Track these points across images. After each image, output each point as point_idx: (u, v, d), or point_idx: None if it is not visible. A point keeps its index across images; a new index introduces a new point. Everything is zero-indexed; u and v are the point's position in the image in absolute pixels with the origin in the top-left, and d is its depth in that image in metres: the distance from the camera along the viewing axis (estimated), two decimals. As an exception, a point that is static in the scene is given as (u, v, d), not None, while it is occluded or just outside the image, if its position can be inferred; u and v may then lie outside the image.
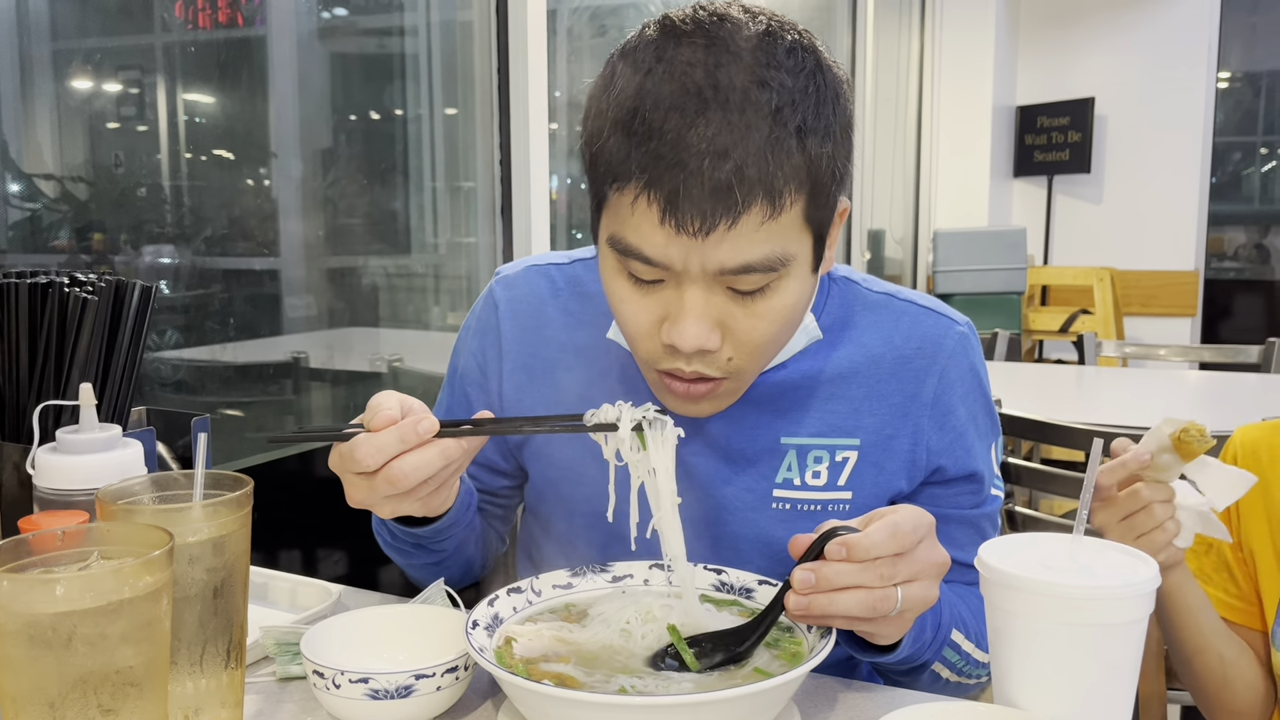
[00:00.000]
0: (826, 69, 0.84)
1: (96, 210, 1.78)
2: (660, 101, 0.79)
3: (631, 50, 0.84)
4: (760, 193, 0.79)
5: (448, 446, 0.82)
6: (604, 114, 0.83)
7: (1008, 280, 5.15)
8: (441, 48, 2.41)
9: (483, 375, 1.08)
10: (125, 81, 1.81)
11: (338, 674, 0.79)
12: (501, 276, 1.11)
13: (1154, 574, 0.71)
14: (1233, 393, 2.90)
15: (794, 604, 0.78)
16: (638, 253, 0.82)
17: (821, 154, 0.81)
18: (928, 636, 0.90)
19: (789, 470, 0.99)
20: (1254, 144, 6.07)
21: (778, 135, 0.78)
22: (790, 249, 0.83)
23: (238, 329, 2.06)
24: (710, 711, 0.70)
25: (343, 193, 2.30)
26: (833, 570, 0.77)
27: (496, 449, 1.10)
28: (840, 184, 0.85)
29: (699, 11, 0.84)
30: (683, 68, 0.80)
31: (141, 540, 0.68)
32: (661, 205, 0.79)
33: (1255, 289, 6.11)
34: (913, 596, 0.78)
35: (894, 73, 5.37)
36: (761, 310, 0.85)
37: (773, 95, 0.79)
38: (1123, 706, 0.72)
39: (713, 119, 0.78)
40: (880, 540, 0.77)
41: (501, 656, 0.79)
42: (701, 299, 0.83)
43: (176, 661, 0.76)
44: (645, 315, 0.86)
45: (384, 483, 0.81)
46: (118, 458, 0.88)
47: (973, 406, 1.02)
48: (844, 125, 0.84)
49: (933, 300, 1.05)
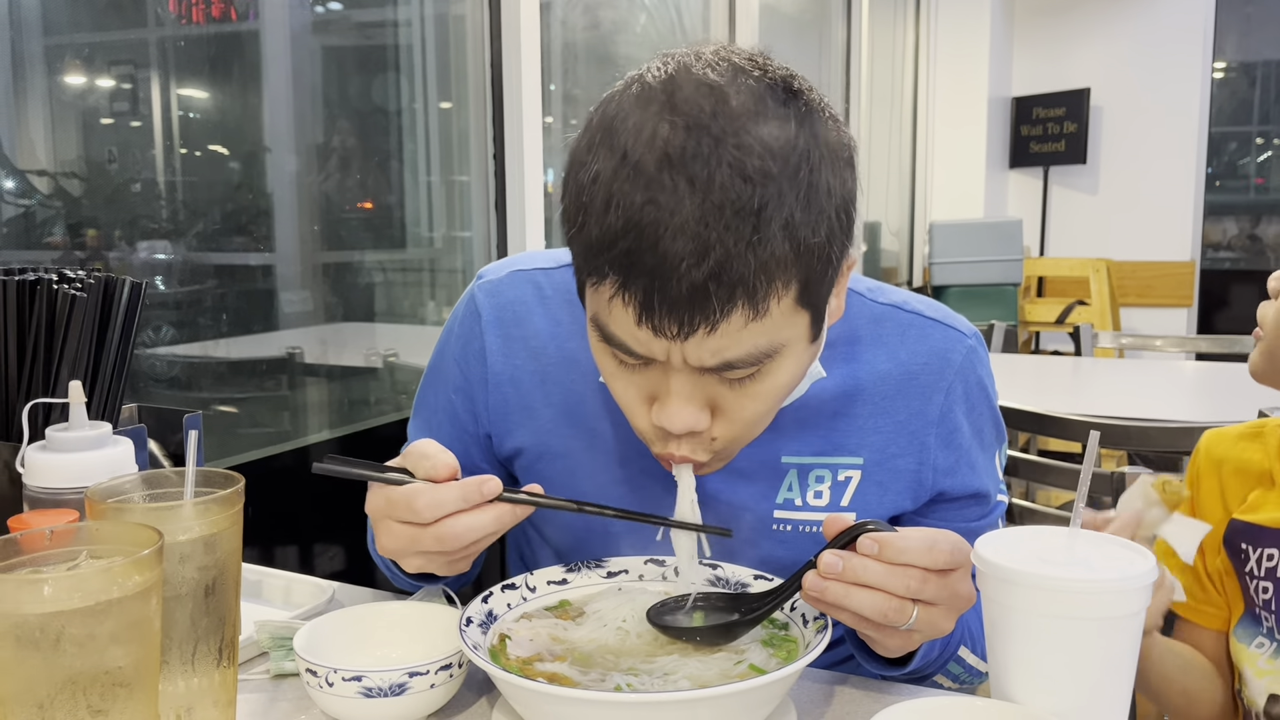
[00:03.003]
0: (822, 140, 0.76)
1: (90, 206, 1.76)
2: (635, 192, 0.72)
3: (610, 119, 0.76)
4: (741, 296, 0.72)
5: (503, 513, 0.80)
6: (579, 196, 0.76)
7: (1004, 272, 5.15)
8: (435, 41, 2.40)
9: (466, 383, 1.04)
10: (118, 77, 1.80)
11: (330, 672, 0.78)
12: (484, 281, 1.04)
13: (1152, 566, 0.71)
14: (1230, 383, 2.90)
15: (811, 584, 0.75)
16: (620, 344, 0.78)
17: (814, 245, 0.74)
18: (935, 654, 0.89)
19: (790, 490, 0.97)
20: (1249, 134, 6.07)
21: (761, 235, 0.71)
22: (781, 337, 0.77)
23: (232, 324, 2.06)
24: (706, 708, 0.69)
25: (337, 187, 2.29)
26: (860, 564, 0.74)
27: (482, 455, 1.06)
28: (840, 261, 0.79)
29: (683, 73, 0.76)
30: (659, 152, 0.72)
31: (131, 539, 0.67)
32: (637, 309, 0.74)
33: (1250, 279, 6.10)
34: (928, 621, 0.76)
35: (889, 64, 5.36)
36: (754, 391, 0.80)
37: (756, 190, 0.71)
38: (1121, 700, 0.72)
39: (690, 216, 0.70)
40: (915, 549, 0.75)
41: (496, 654, 0.79)
42: (688, 384, 0.78)
43: (168, 660, 0.75)
44: (634, 391, 0.82)
45: (432, 539, 0.79)
46: (108, 456, 0.87)
47: (978, 421, 1.00)
48: (841, 203, 0.76)
49: (940, 309, 1.01)
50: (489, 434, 1.04)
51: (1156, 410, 2.51)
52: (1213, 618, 1.11)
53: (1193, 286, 5.73)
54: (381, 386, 2.39)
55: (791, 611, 0.85)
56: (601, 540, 1.00)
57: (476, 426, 1.05)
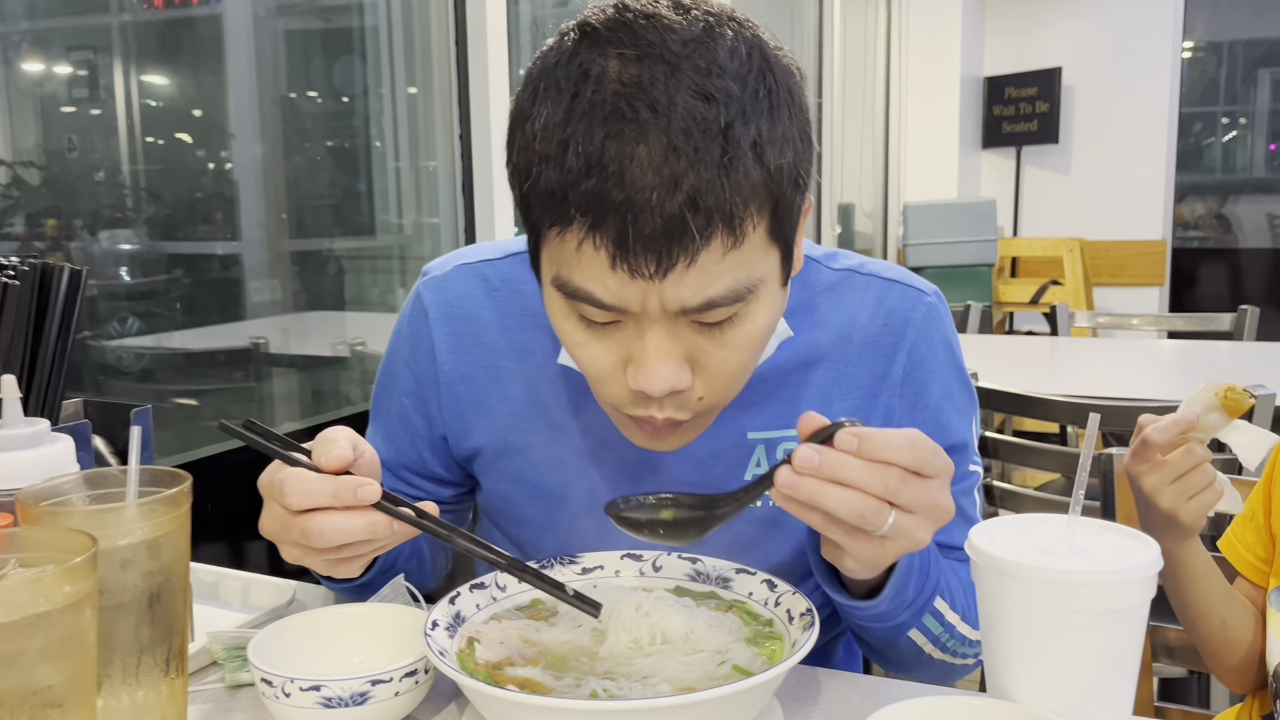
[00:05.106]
0: (775, 63, 0.73)
1: (50, 195, 1.72)
2: (593, 129, 0.68)
3: (553, 67, 0.72)
4: (719, 222, 0.69)
5: (377, 522, 0.75)
6: (530, 146, 0.72)
7: (978, 252, 5.14)
8: (401, 22, 2.34)
9: (418, 385, 0.99)
10: (78, 63, 1.76)
11: (287, 681, 0.73)
12: (429, 278, 1.00)
13: (1156, 556, 0.67)
14: (1205, 360, 2.90)
15: (784, 479, 0.69)
16: (588, 296, 0.73)
17: (782, 165, 0.71)
18: (910, 595, 0.83)
19: (758, 466, 0.93)
20: (1215, 114, 6.09)
21: (732, 155, 0.68)
22: (757, 273, 0.74)
23: (197, 315, 2.02)
24: (689, 715, 0.65)
25: (302, 174, 2.24)
26: (839, 459, 0.69)
27: (438, 459, 1.02)
28: (805, 190, 0.76)
29: (623, 12, 0.72)
30: (613, 85, 0.69)
31: (64, 546, 0.62)
32: (610, 249, 0.69)
33: (1219, 257, 6.15)
34: (904, 528, 0.70)
35: (861, 45, 5.33)
36: (732, 339, 0.76)
37: (720, 109, 0.68)
38: (1124, 697, 0.68)
39: (656, 144, 0.67)
40: (896, 445, 0.69)
41: (463, 660, 0.74)
42: (666, 338, 0.74)
43: (110, 674, 0.70)
44: (605, 358, 0.77)
45: (299, 530, 0.75)
46: (45, 454, 0.81)
47: (947, 381, 0.96)
48: (802, 125, 0.74)
49: (898, 270, 0.97)
50: (444, 436, 1.00)
51: (1134, 389, 2.51)
52: (1262, 574, 1.09)
53: (1164, 265, 5.76)
54: (351, 376, 2.34)
55: (776, 608, 0.81)
56: (567, 534, 0.96)
57: (431, 429, 1.00)
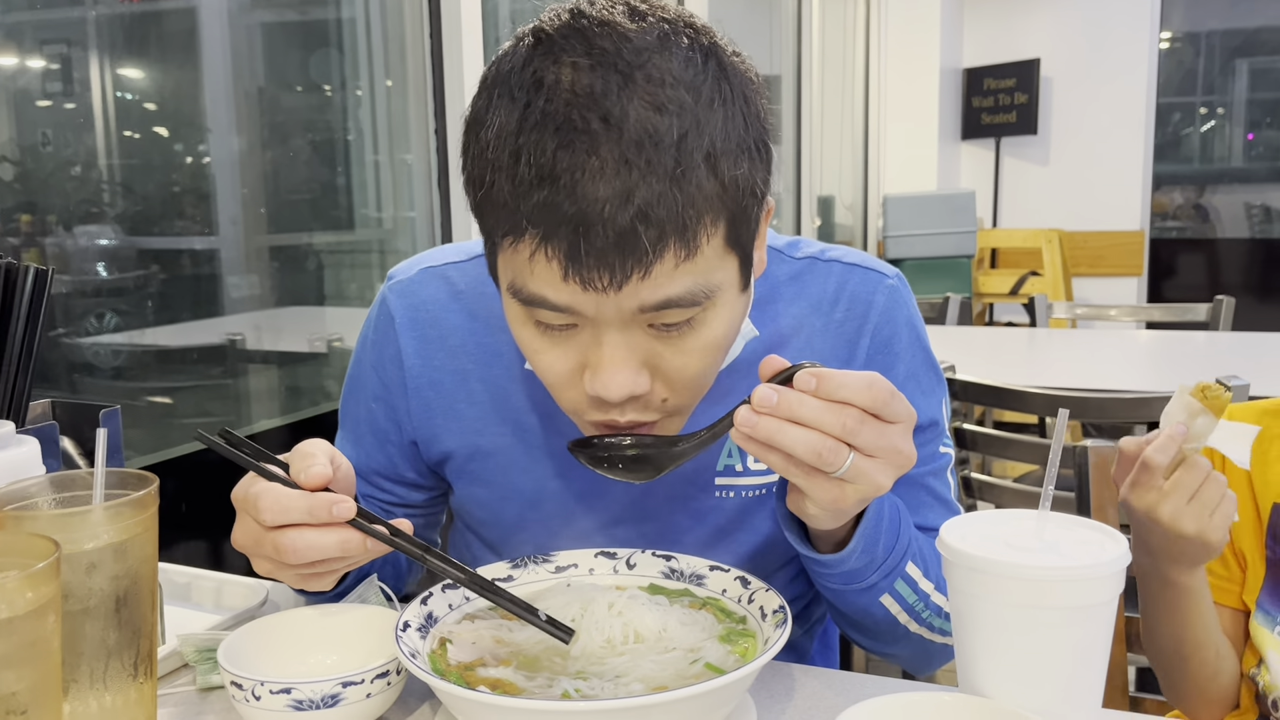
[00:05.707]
0: (731, 70, 0.73)
1: (23, 191, 1.70)
2: (545, 140, 0.68)
3: (507, 74, 0.72)
4: (672, 235, 0.69)
5: (350, 539, 0.75)
6: (484, 154, 0.72)
7: (958, 244, 5.16)
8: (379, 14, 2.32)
9: (385, 390, 0.99)
10: (51, 57, 1.73)
11: (257, 684, 0.73)
12: (394, 282, 0.99)
13: (1124, 551, 0.67)
14: (1182, 352, 2.91)
15: (742, 418, 0.69)
16: (543, 301, 0.72)
17: (737, 175, 0.71)
18: (880, 555, 0.83)
19: (729, 456, 0.93)
20: (1193, 104, 6.12)
21: (685, 167, 0.68)
22: (714, 279, 0.73)
23: (174, 311, 2.00)
24: (661, 714, 0.65)
25: (279, 167, 2.22)
26: (796, 398, 0.69)
27: (409, 464, 1.01)
28: (763, 197, 0.76)
29: (579, 18, 0.72)
30: (566, 96, 0.68)
31: (27, 550, 0.62)
32: (562, 261, 0.69)
33: (1196, 248, 6.19)
34: (864, 471, 0.70)
35: (840, 37, 5.33)
36: (690, 346, 0.75)
37: (673, 120, 0.68)
38: (1093, 691, 0.68)
39: (608, 156, 0.67)
40: (854, 385, 0.69)
41: (435, 661, 0.74)
42: (622, 345, 0.73)
43: (76, 679, 0.69)
44: (563, 364, 0.77)
45: (271, 545, 0.76)
46: (9, 457, 0.80)
47: (911, 363, 0.95)
48: (759, 134, 0.74)
49: (859, 255, 0.98)
50: (414, 441, 1.00)
51: (1113, 380, 2.51)
52: (1234, 596, 1.07)
53: (1142, 256, 5.79)
54: (329, 371, 2.33)
55: (749, 605, 0.80)
56: (540, 535, 0.96)
57: (400, 434, 1.00)
